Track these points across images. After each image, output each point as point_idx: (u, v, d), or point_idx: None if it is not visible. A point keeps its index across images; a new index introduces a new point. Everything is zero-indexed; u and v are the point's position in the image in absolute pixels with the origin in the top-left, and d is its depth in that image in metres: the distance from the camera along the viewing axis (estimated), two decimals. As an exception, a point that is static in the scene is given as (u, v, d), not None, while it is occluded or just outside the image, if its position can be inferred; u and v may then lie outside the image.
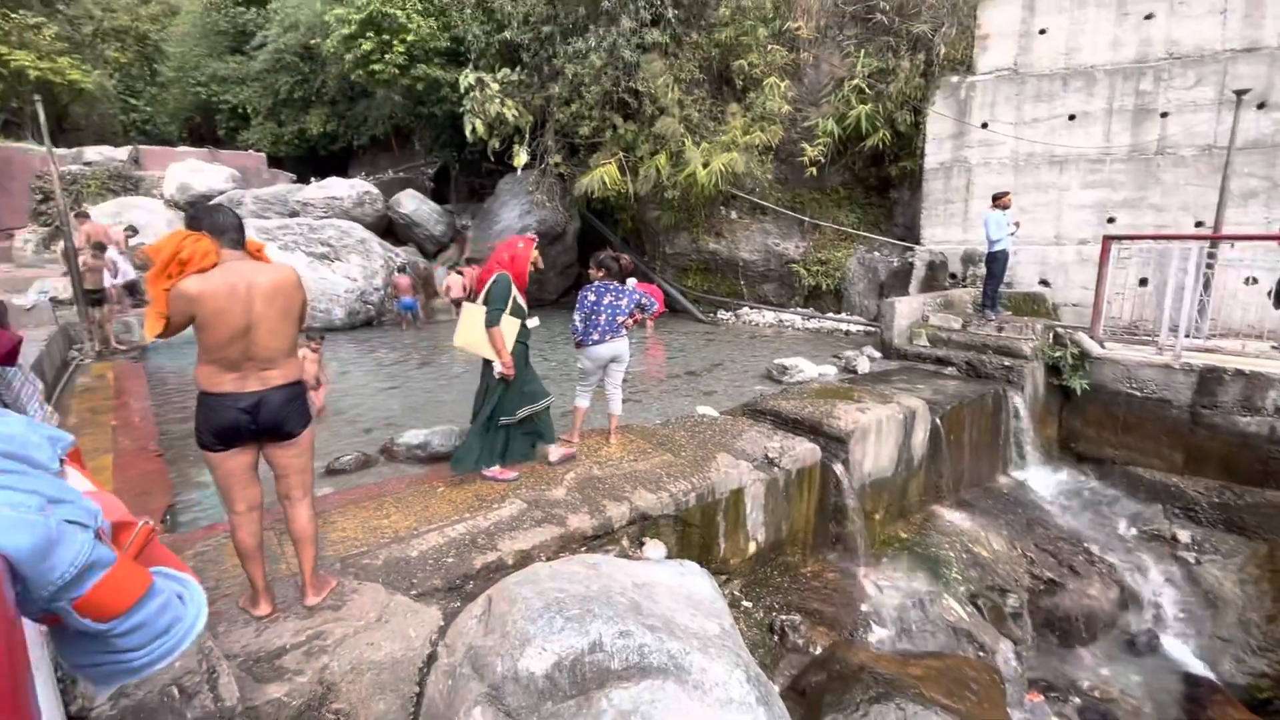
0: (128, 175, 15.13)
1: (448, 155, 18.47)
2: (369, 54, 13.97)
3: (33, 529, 0.48)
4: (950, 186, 9.87)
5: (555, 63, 11.12)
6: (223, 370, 2.38)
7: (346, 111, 20.19)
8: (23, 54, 16.70)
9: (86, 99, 20.29)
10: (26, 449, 0.56)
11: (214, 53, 22.65)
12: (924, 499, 5.63)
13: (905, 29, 9.99)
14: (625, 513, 3.67)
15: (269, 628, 2.53)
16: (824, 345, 9.24)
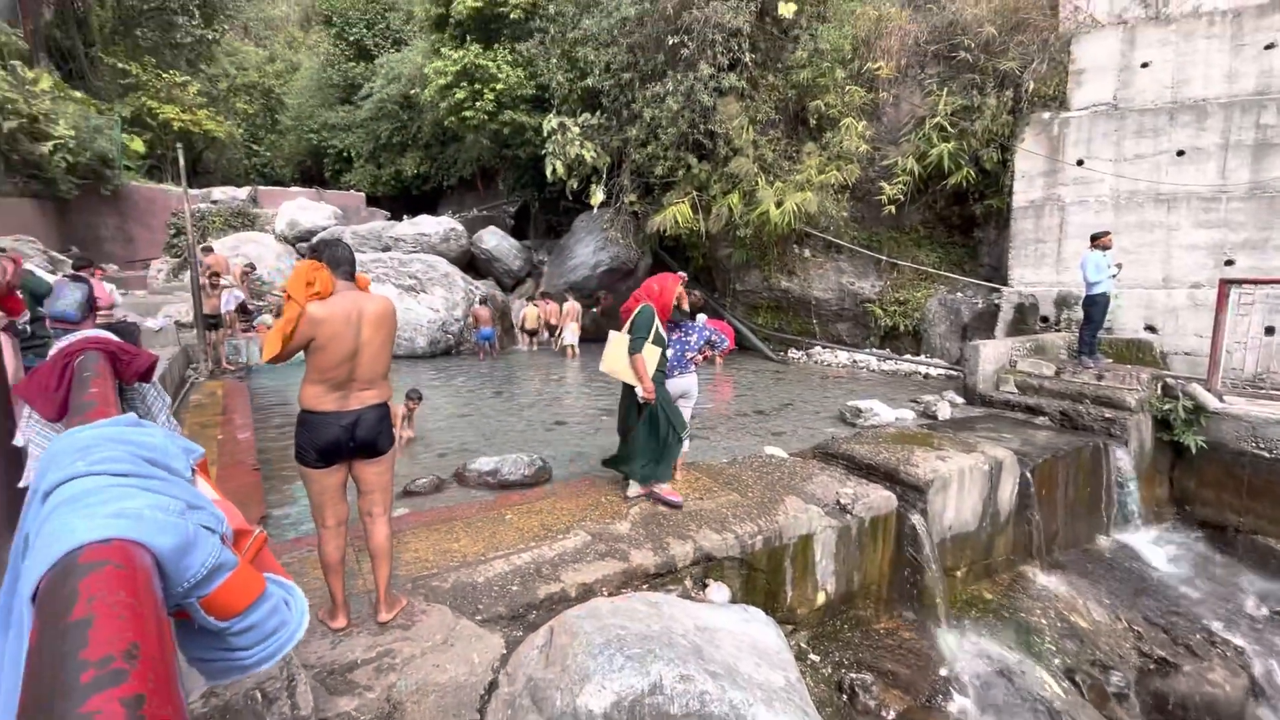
0: (246, 212, 16.76)
1: (528, 194, 19.37)
2: (461, 102, 14.99)
3: (176, 531, 0.54)
4: (1041, 225, 9.39)
5: (634, 107, 11.53)
6: (329, 390, 2.57)
7: (438, 154, 21.64)
8: (170, 108, 19.01)
9: (217, 145, 22.78)
10: (168, 458, 0.63)
11: (326, 103, 24.96)
12: (1012, 558, 5.22)
13: (991, 66, 9.73)
14: (689, 552, 3.61)
15: (343, 641, 2.63)
16: (901, 388, 8.87)
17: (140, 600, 0.40)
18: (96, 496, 0.52)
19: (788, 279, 11.96)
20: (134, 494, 0.55)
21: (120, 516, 0.51)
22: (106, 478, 0.56)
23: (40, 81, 14.07)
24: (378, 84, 21.58)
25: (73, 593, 0.39)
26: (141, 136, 17.88)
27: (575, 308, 12.92)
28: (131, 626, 0.36)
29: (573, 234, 15.33)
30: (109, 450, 0.59)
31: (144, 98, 18.77)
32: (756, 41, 10.83)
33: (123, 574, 0.42)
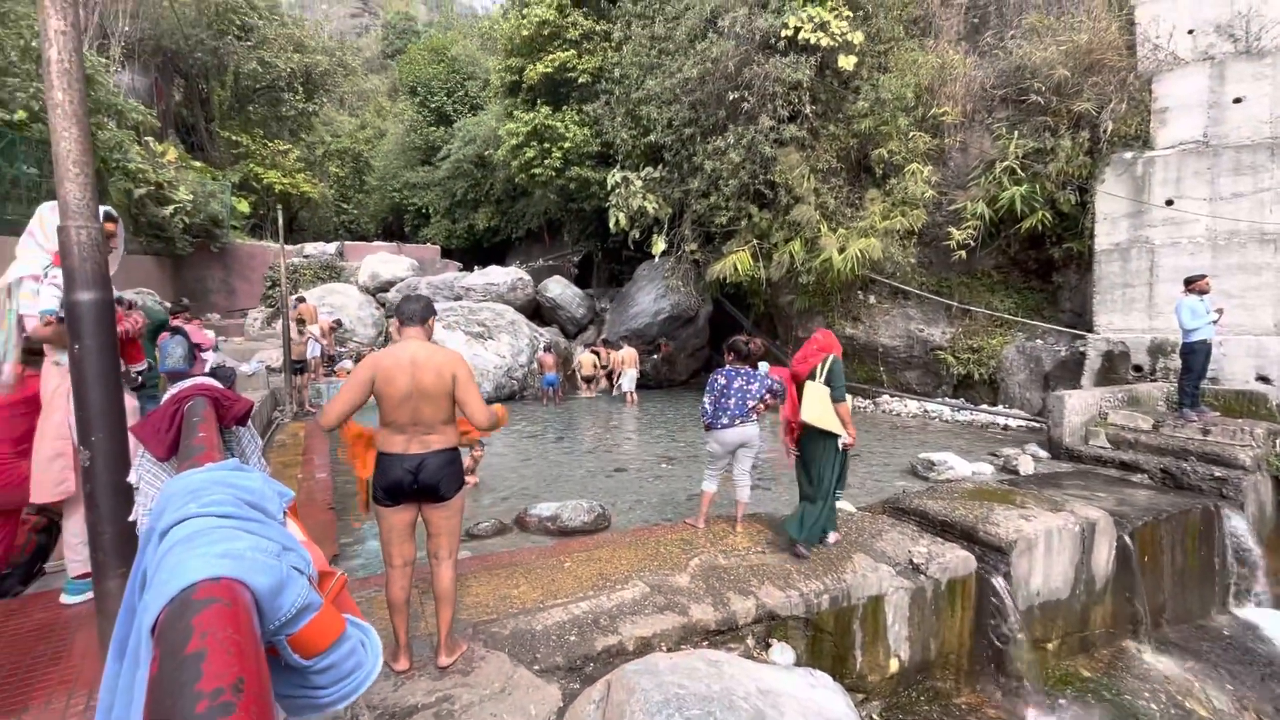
0: (334, 265, 18.08)
1: (592, 244, 20.03)
2: (531, 160, 15.86)
3: (273, 572, 0.59)
4: (1129, 269, 8.85)
5: (695, 160, 11.84)
6: (393, 433, 2.72)
7: (508, 209, 22.83)
8: (273, 173, 21.04)
9: (312, 205, 24.91)
10: (264, 501, 0.69)
11: (408, 164, 26.96)
12: (1112, 631, 4.73)
13: (1065, 108, 9.46)
14: (750, 609, 3.48)
15: (405, 684, 2.67)
16: (977, 440, 8.40)
17: (244, 636, 0.44)
18: (206, 537, 0.58)
19: (852, 326, 11.70)
20: (239, 535, 0.60)
21: (227, 557, 0.56)
22: (214, 519, 0.61)
23: (167, 153, 15.92)
24: (455, 146, 23.18)
25: (188, 628, 0.43)
26: (247, 199, 19.80)
27: (633, 354, 13.07)
28: (238, 661, 0.40)
29: (634, 282, 15.65)
30: (216, 493, 0.65)
31: (252, 165, 20.88)
32: (817, 93, 10.99)
33: (230, 611, 0.46)
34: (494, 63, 19.04)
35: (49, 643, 2.74)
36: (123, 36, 17.41)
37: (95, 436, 1.82)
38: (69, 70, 1.81)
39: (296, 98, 22.36)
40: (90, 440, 1.82)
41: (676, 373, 15.29)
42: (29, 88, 9.65)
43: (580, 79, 15.14)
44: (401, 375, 2.66)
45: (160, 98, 19.68)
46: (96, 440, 1.81)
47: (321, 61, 22.74)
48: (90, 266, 1.84)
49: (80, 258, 1.84)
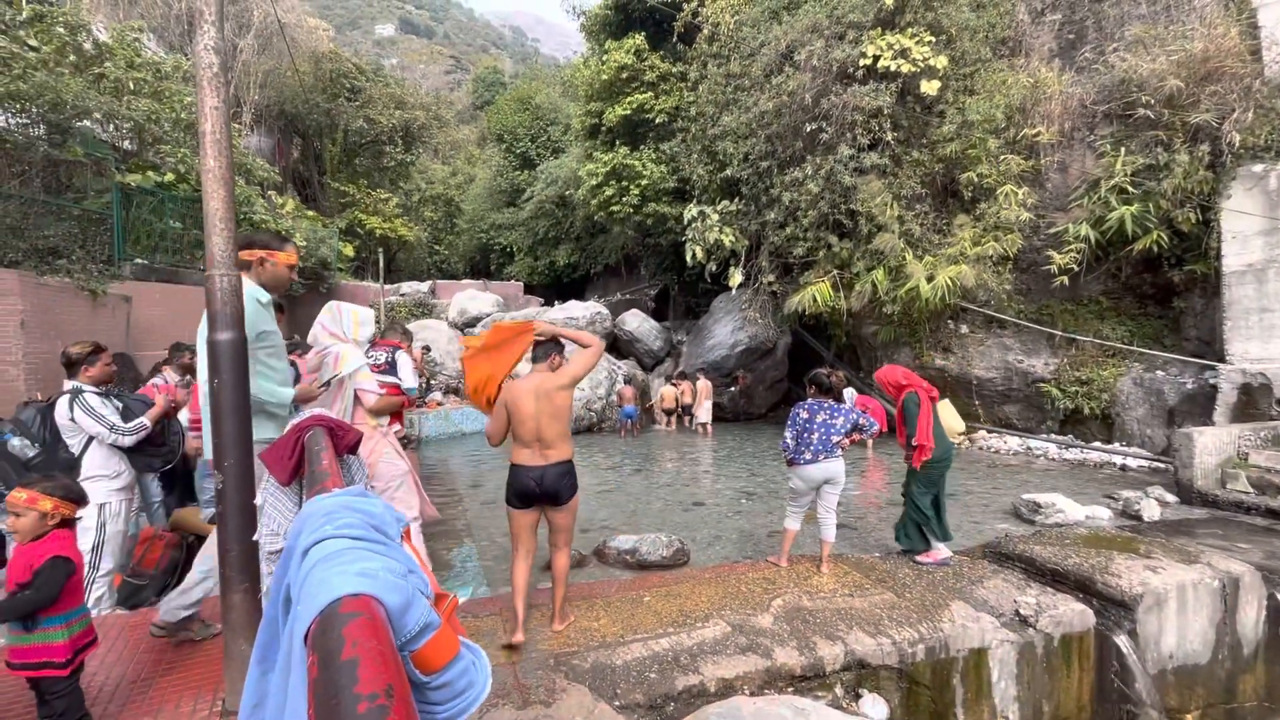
0: (426, 303, 19.24)
1: (669, 278, 20.27)
2: (610, 198, 16.37)
3: (401, 591, 0.64)
4: (1266, 292, 7.95)
5: (772, 192, 11.81)
6: (521, 448, 3.29)
7: (587, 245, 23.58)
8: (374, 219, 22.85)
9: (408, 247, 26.75)
10: (386, 525, 0.75)
11: (495, 206, 28.53)
12: (1268, 706, 4.13)
13: (1179, 121, 8.75)
14: (839, 655, 3.30)
15: (489, 713, 2.71)
16: (1089, 481, 7.68)
17: (387, 648, 0.48)
18: (344, 557, 0.63)
19: (943, 357, 11.12)
20: (372, 556, 0.66)
21: (364, 575, 0.61)
22: (348, 540, 0.67)
23: (286, 205, 17.67)
24: (538, 188, 24.33)
25: (340, 637, 0.48)
26: (352, 243, 21.53)
27: (707, 386, 12.98)
28: (386, 670, 0.44)
29: (711, 315, 15.65)
30: (347, 517, 0.71)
31: (356, 212, 22.77)
32: (898, 120, 10.75)
33: (372, 624, 0.51)
34: (574, 108, 20.00)
35: (178, 651, 3.01)
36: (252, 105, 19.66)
37: (228, 461, 2.02)
38: (219, 140, 2.08)
39: (396, 150, 24.30)
40: (224, 465, 2.02)
41: (755, 406, 15.02)
42: (177, 153, 11.05)
43: (657, 119, 15.58)
44: (527, 400, 3.24)
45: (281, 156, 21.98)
46: (229, 465, 2.01)
47: (419, 116, 24.65)
48: (230, 310, 2.07)
49: (222, 302, 2.08)
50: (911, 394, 4.50)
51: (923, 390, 4.53)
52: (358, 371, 3.16)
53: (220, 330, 2.05)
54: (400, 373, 3.39)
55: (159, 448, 3.70)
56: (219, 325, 2.05)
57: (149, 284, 9.57)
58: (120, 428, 3.39)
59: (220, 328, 2.05)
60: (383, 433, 3.26)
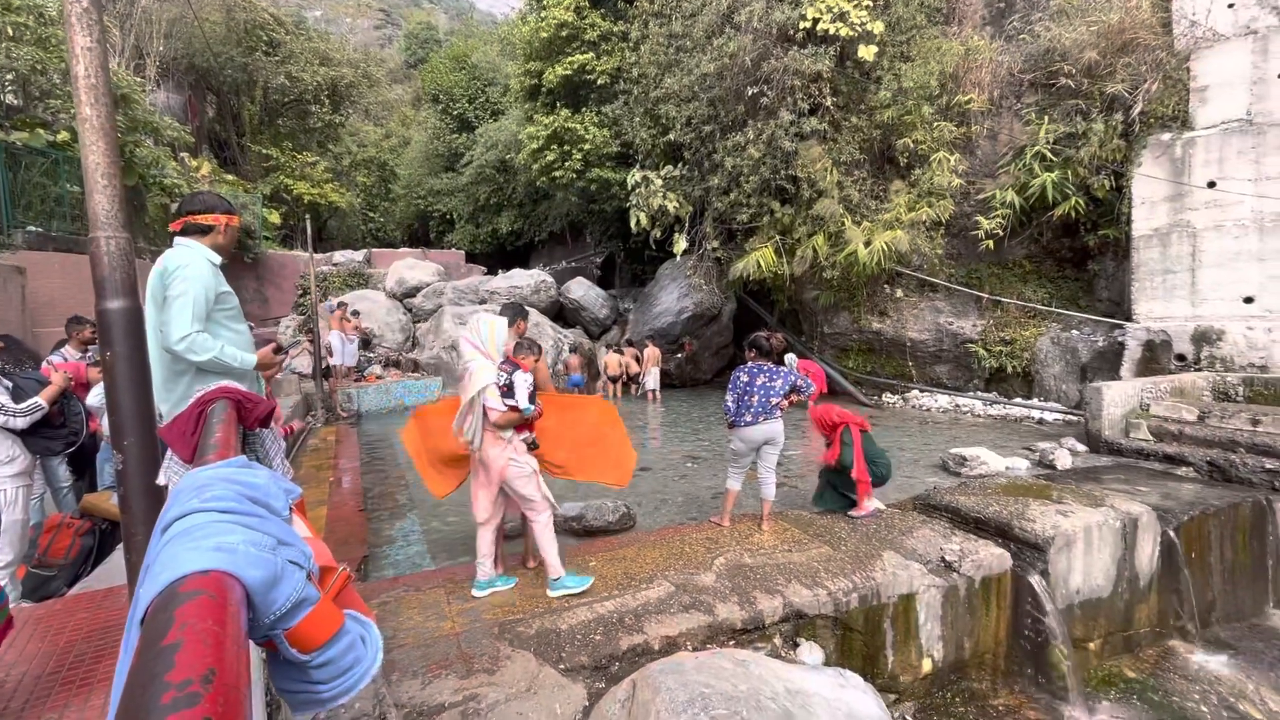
0: (361, 273, 18.42)
1: (614, 245, 20.07)
2: (552, 163, 15.95)
3: (266, 565, 0.59)
4: (1170, 254, 8.53)
5: (715, 157, 11.76)
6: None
7: (530, 212, 23.00)
8: (302, 184, 21.53)
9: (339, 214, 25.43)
10: (269, 497, 0.69)
11: (432, 171, 27.35)
12: (1158, 631, 4.56)
13: (1097, 90, 9.16)
14: (778, 607, 3.43)
15: (431, 683, 2.69)
16: (1011, 434, 8.18)
17: (225, 628, 0.43)
18: (202, 531, 0.58)
19: (879, 320, 11.50)
20: (234, 529, 0.60)
21: (220, 550, 0.56)
22: (214, 514, 0.62)
23: (201, 168, 16.41)
24: (477, 152, 23.44)
25: (169, 619, 0.43)
26: (278, 210, 20.28)
27: (656, 354, 13.05)
28: (213, 653, 0.40)
29: (657, 282, 15.63)
30: (220, 489, 0.65)
31: (282, 177, 21.39)
32: (838, 85, 10.83)
33: (214, 603, 0.46)
34: (513, 67, 19.21)
35: (90, 642, 2.83)
36: (157, 56, 17.99)
37: (128, 440, 1.87)
38: (95, 86, 1.86)
39: (323, 110, 22.85)
40: (124, 444, 1.87)
41: (701, 372, 15.21)
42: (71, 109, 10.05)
43: (599, 80, 15.17)
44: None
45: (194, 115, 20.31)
46: (129, 445, 1.86)
47: (347, 74, 23.17)
48: (119, 275, 1.89)
49: (110, 267, 1.89)
50: (846, 430, 4.66)
51: (854, 425, 4.69)
52: (485, 389, 3.43)
53: (110, 298, 1.87)
54: (516, 395, 3.47)
55: (58, 429, 3.43)
56: (108, 293, 1.88)
57: (46, 254, 8.75)
58: (9, 409, 3.11)
59: (110, 295, 1.87)
60: (506, 439, 3.53)
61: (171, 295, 2.35)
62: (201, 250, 2.52)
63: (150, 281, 2.47)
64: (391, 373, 13.26)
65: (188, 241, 2.54)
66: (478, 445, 3.48)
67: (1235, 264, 8.03)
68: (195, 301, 2.36)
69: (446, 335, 13.07)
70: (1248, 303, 7.95)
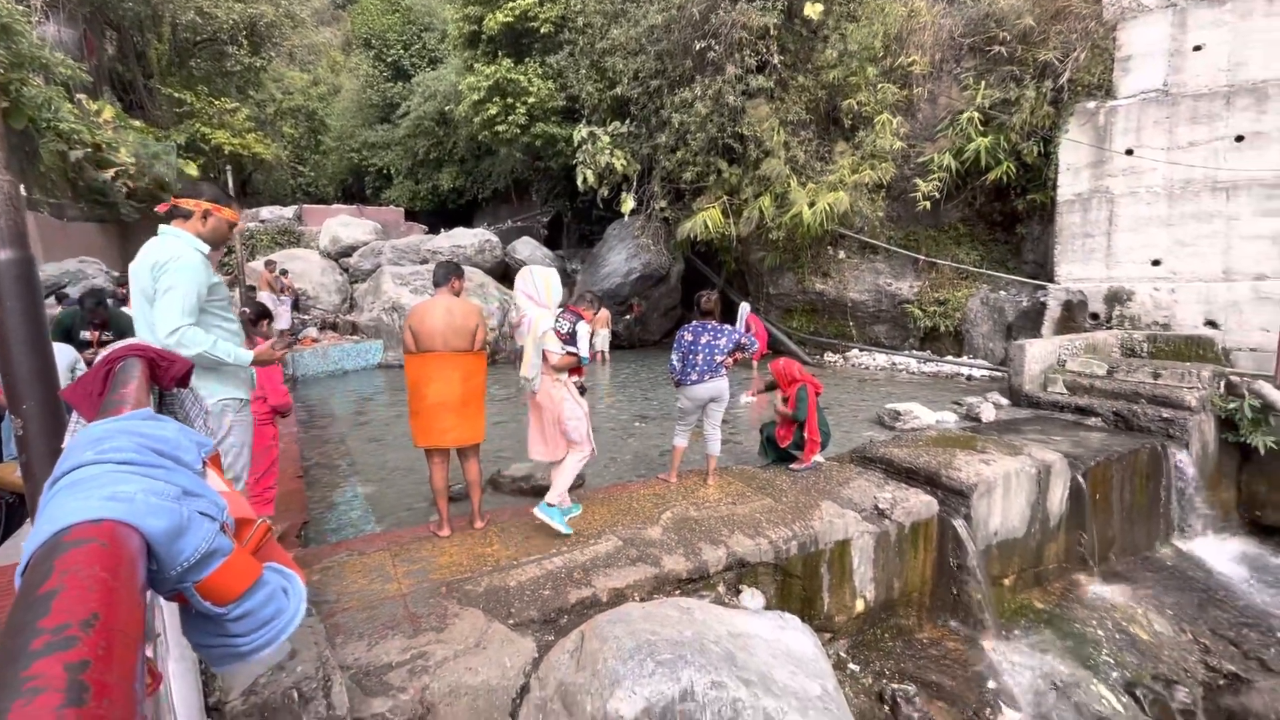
0: (292, 230, 17.41)
1: (561, 204, 19.62)
2: (494, 116, 15.30)
3: (169, 515, 0.56)
4: (1089, 219, 9.02)
5: (663, 113, 11.57)
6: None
7: (473, 169, 22.13)
8: (221, 133, 19.94)
9: (265, 167, 23.79)
10: (178, 450, 0.65)
11: (366, 123, 25.81)
12: (1064, 566, 4.99)
13: (1030, 57, 9.43)
14: (721, 557, 3.55)
15: (379, 644, 2.68)
16: (942, 390, 8.62)
17: (116, 576, 0.41)
18: (95, 481, 0.54)
19: (822, 281, 11.77)
20: (130, 479, 0.56)
21: (114, 499, 0.52)
22: (110, 465, 0.57)
23: (103, 112, 14.95)
24: (415, 102, 22.23)
25: (49, 569, 0.40)
26: (196, 161, 18.78)
27: (605, 315, 12.98)
28: (98, 598, 0.37)
29: (605, 242, 15.44)
30: (118, 441, 0.61)
31: (198, 124, 19.73)
32: (785, 43, 10.75)
33: (106, 551, 0.43)
34: (451, 11, 18.13)
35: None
36: (43, -17, 16.06)
37: (27, 404, 1.73)
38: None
39: (241, 52, 21.06)
40: (21, 408, 1.73)
41: (650, 332, 15.26)
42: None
43: (542, 29, 14.54)
44: (429, 321, 3.57)
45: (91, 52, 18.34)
46: (28, 408, 1.71)
47: (267, 12, 21.33)
48: (6, 223, 1.71)
49: (-7, 214, 1.70)
50: (803, 388, 4.78)
51: (811, 385, 4.83)
52: (546, 334, 3.68)
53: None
54: (579, 343, 3.81)
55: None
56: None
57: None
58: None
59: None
60: (564, 382, 3.82)
61: (161, 289, 2.36)
62: (189, 240, 2.54)
63: (138, 275, 2.45)
64: (329, 335, 12.73)
65: (174, 230, 2.56)
66: (535, 386, 3.74)
67: (1146, 229, 8.57)
68: (185, 295, 2.37)
69: (387, 296, 12.59)
70: (1155, 265, 8.53)
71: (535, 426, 3.90)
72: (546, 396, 3.77)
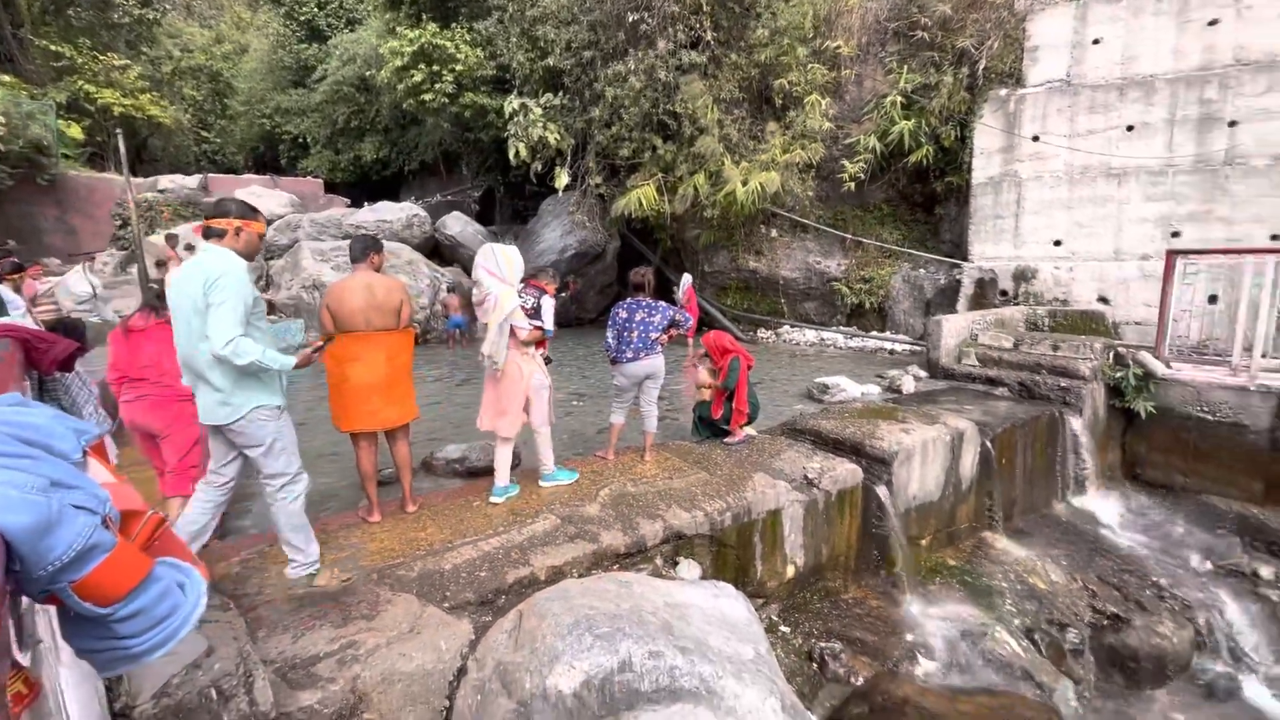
0: (197, 201, 16.09)
1: (493, 179, 19.02)
2: (420, 84, 14.56)
3: (33, 509, 0.50)
4: (1000, 201, 9.58)
5: (596, 86, 11.36)
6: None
7: (398, 139, 21.07)
8: (109, 92, 18.06)
9: (164, 132, 21.79)
10: (50, 438, 0.58)
11: (278, 86, 24.04)
12: (974, 525, 5.38)
13: (949, 44, 9.83)
14: (659, 531, 3.61)
15: (305, 635, 2.57)
16: (867, 364, 9.02)
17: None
18: (-57, 475, 0.47)
19: (755, 259, 12.00)
20: (-11, 471, 0.50)
21: (-41, 494, 0.46)
22: (-34, 456, 0.51)
23: (-37, 64, 13.21)
24: (332, 66, 20.87)
25: None
26: (79, 123, 16.98)
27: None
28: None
29: (539, 218, 15.13)
30: (-19, 430, 0.54)
31: (80, 81, 17.79)
32: (718, 19, 10.74)
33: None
34: (370, -30, 17.05)
35: None
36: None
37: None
38: None
39: (130, 3, 19.06)
40: None
41: (586, 311, 15.15)
42: None
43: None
44: (349, 299, 3.39)
45: (-55, -6, 16.13)
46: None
47: (157, -42, 19.39)
48: None
49: None
50: (735, 359, 4.86)
51: (743, 357, 4.92)
52: (513, 311, 3.73)
53: None
54: (543, 316, 3.92)
55: None
56: None
57: None
58: None
59: None
60: (532, 355, 3.94)
61: (214, 303, 2.50)
62: (232, 256, 2.68)
63: (187, 290, 2.57)
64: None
65: (213, 247, 2.68)
66: (501, 364, 3.79)
67: (1049, 211, 9.20)
68: (235, 308, 2.53)
69: (307, 273, 11.89)
70: (1057, 245, 9.18)
71: (492, 398, 3.94)
72: (515, 370, 3.85)
